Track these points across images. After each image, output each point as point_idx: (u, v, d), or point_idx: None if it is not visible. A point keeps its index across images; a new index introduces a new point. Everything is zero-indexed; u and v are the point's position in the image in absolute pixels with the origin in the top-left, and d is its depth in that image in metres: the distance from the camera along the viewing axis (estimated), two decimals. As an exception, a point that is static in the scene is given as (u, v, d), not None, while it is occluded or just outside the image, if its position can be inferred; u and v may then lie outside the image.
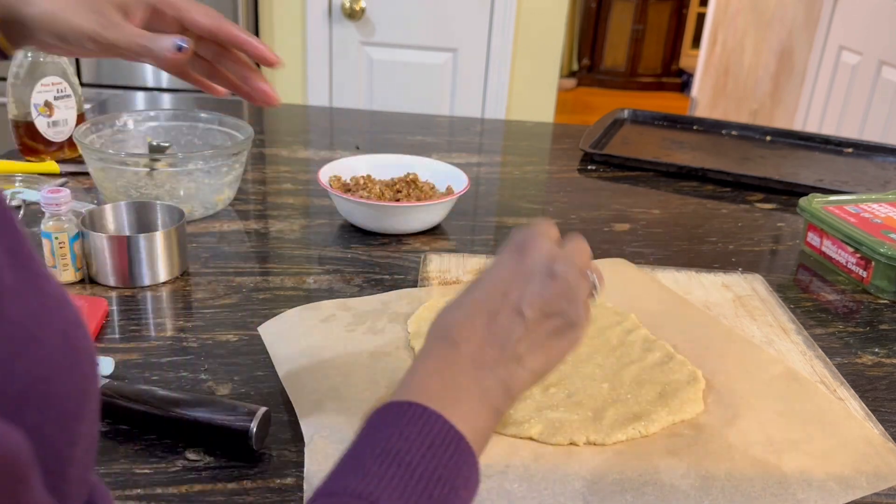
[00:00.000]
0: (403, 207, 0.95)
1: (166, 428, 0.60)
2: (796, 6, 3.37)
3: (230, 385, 0.67)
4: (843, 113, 2.82)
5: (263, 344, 0.73)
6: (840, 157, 1.46)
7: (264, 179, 1.18)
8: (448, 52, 2.31)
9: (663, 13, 5.68)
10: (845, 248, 0.95)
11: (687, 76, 5.60)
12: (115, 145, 1.04)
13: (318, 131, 1.51)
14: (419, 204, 0.96)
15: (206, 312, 0.78)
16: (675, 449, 0.60)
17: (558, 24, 2.30)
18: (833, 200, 1.03)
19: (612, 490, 0.55)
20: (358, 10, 2.23)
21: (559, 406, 0.63)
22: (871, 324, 0.86)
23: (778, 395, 0.68)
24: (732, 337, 0.77)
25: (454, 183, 1.05)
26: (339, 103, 2.34)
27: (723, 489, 0.56)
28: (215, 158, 0.96)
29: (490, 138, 1.53)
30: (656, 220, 1.11)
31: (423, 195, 1.00)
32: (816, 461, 0.60)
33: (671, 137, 1.52)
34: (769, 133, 1.55)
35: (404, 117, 1.60)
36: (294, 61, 2.31)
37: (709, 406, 0.66)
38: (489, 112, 2.35)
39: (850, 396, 0.70)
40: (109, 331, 0.74)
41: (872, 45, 2.67)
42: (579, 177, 1.29)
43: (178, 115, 1.09)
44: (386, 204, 0.95)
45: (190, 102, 1.73)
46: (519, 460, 0.57)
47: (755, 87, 3.79)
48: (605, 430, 0.60)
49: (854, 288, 0.93)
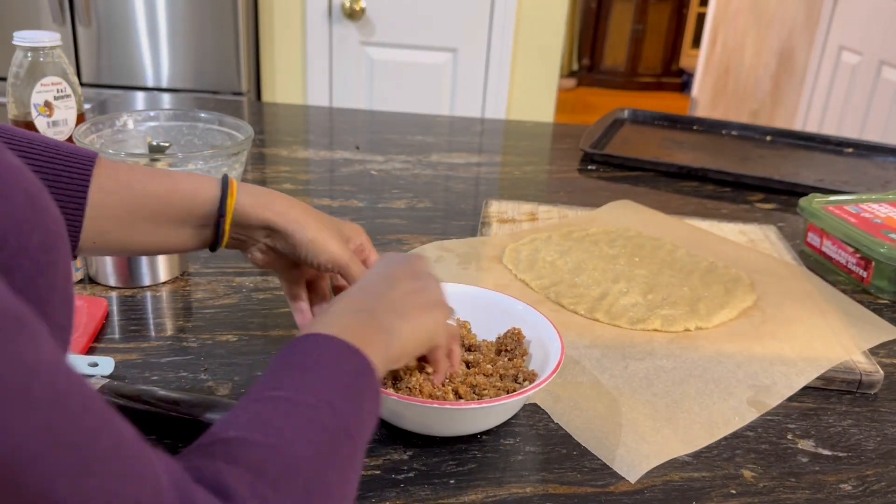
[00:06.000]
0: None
1: (166, 428, 0.60)
2: (797, 6, 3.37)
3: (230, 385, 0.67)
4: (843, 113, 2.82)
5: (263, 344, 0.73)
6: (840, 157, 1.46)
7: (264, 179, 1.18)
8: (448, 52, 2.31)
9: (663, 13, 5.68)
10: (845, 248, 0.95)
11: (687, 76, 5.59)
12: (115, 145, 1.04)
13: (317, 131, 1.51)
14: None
15: (206, 312, 0.78)
16: (754, 324, 0.84)
17: (558, 23, 2.30)
18: (833, 200, 1.03)
19: (722, 353, 0.77)
20: (358, 9, 2.23)
21: (664, 306, 0.83)
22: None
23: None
24: (742, 249, 1.01)
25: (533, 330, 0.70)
26: (339, 103, 2.34)
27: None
28: (215, 158, 0.96)
29: (490, 138, 1.53)
30: (656, 220, 1.11)
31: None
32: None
33: (671, 137, 1.52)
34: (769, 133, 1.55)
35: (404, 117, 1.60)
36: (294, 61, 2.31)
37: (759, 295, 0.88)
38: (489, 112, 2.35)
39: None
40: (109, 331, 0.74)
41: (873, 45, 2.67)
42: (579, 177, 1.29)
43: (178, 115, 1.09)
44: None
45: (190, 102, 1.73)
46: (658, 345, 0.77)
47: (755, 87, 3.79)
48: (705, 318, 0.81)
49: (854, 288, 0.93)
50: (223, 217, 0.59)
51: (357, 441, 0.42)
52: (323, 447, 0.39)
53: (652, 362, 0.74)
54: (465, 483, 0.58)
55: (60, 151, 0.55)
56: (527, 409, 0.67)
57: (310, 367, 0.43)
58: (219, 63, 2.14)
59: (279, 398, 0.40)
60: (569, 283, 0.87)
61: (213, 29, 2.11)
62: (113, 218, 0.56)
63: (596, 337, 0.77)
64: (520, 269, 0.89)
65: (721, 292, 0.87)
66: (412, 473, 0.58)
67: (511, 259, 0.92)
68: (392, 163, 1.29)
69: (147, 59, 2.13)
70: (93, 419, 0.28)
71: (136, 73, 2.14)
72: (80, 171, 0.55)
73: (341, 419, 0.41)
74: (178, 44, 2.12)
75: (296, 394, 0.41)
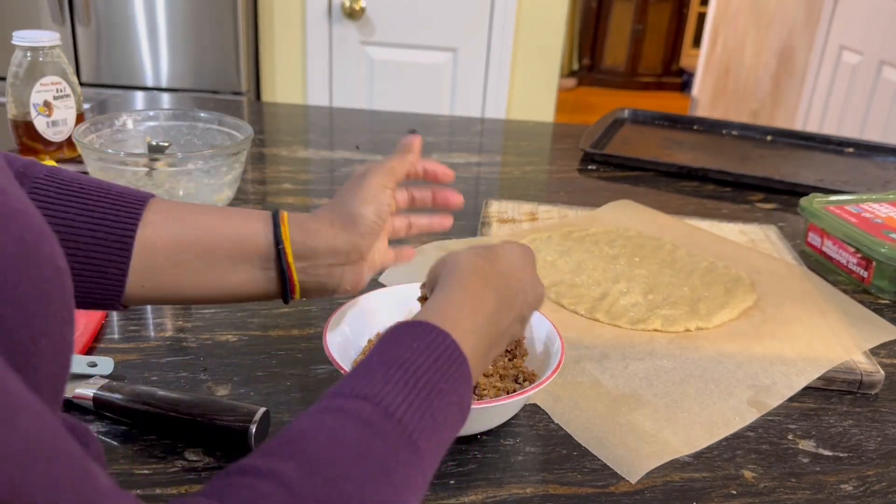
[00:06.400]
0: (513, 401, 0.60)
1: (166, 428, 0.60)
2: (797, 6, 3.37)
3: (230, 385, 0.67)
4: (843, 113, 2.82)
5: (263, 344, 0.73)
6: (841, 156, 1.46)
7: (264, 179, 1.18)
8: (448, 52, 2.30)
9: (664, 13, 5.68)
10: (846, 248, 0.95)
11: (687, 76, 5.59)
12: (115, 145, 1.04)
13: (317, 131, 1.50)
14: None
15: (205, 312, 0.78)
16: (753, 324, 0.83)
17: (558, 23, 2.30)
18: (834, 200, 1.03)
19: (722, 354, 0.77)
20: (358, 9, 2.23)
21: (664, 306, 0.82)
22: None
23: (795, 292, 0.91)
24: (742, 249, 1.00)
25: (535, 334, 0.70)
26: (339, 103, 2.34)
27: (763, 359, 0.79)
28: (215, 158, 0.96)
29: (490, 138, 1.53)
30: (657, 220, 1.10)
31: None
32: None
33: (671, 137, 1.52)
34: (770, 133, 1.55)
35: (404, 117, 1.60)
36: (294, 61, 2.31)
37: (759, 295, 0.88)
38: (489, 112, 2.35)
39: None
40: (109, 331, 0.74)
41: (873, 45, 2.67)
42: (579, 177, 1.29)
43: (178, 114, 1.09)
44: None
45: (189, 102, 1.73)
46: (658, 345, 0.77)
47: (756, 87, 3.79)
48: (706, 318, 0.81)
49: (855, 288, 0.93)
50: (281, 246, 0.55)
51: (424, 453, 0.39)
52: (376, 475, 0.37)
53: (652, 362, 0.74)
54: (465, 483, 0.57)
55: (110, 192, 0.53)
56: (527, 409, 0.67)
57: (409, 368, 0.41)
58: (218, 63, 2.14)
59: (341, 410, 0.39)
60: (569, 283, 0.87)
61: (213, 28, 2.11)
62: (162, 254, 0.53)
63: (596, 337, 0.77)
64: None
65: (721, 292, 0.87)
66: (412, 474, 0.58)
67: None
68: (392, 163, 1.28)
69: (146, 59, 2.13)
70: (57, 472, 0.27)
71: (136, 73, 2.14)
72: (130, 210, 0.53)
73: (403, 428, 0.39)
74: (178, 43, 2.12)
75: (363, 404, 0.39)
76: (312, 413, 0.39)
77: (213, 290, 0.55)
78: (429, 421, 0.40)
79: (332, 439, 0.37)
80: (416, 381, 0.40)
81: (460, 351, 0.44)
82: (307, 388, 0.67)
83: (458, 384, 0.43)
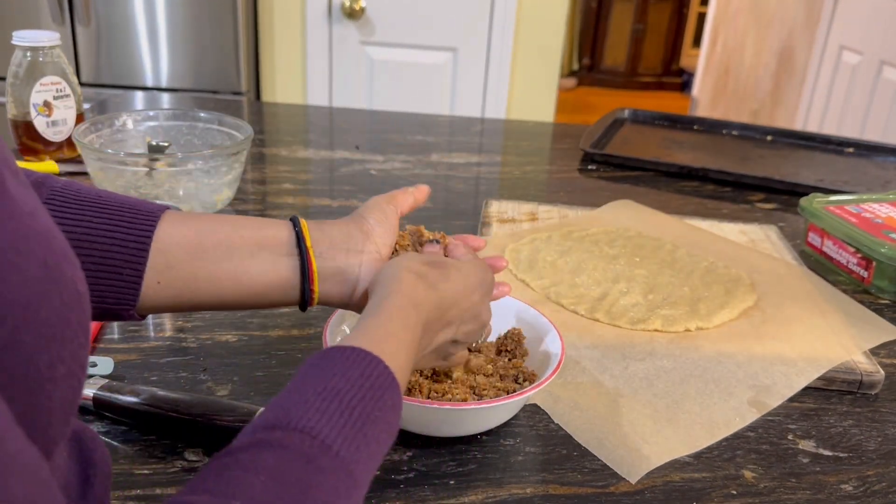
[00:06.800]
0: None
1: (165, 428, 0.60)
2: (797, 6, 3.37)
3: (229, 385, 0.67)
4: (843, 113, 2.82)
5: (263, 344, 0.73)
6: (841, 156, 1.46)
7: (264, 179, 1.18)
8: (448, 52, 2.30)
9: (664, 12, 5.68)
10: (846, 248, 0.95)
11: (687, 76, 5.59)
12: (115, 145, 1.04)
13: (317, 131, 1.50)
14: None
15: (205, 313, 0.78)
16: (754, 324, 0.83)
17: (558, 23, 2.30)
18: (834, 200, 1.03)
19: (722, 354, 0.77)
20: (358, 9, 2.23)
21: (664, 306, 0.83)
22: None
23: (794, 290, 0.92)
24: (742, 249, 1.01)
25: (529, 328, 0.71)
26: (339, 103, 2.34)
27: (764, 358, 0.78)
28: (214, 158, 0.96)
29: (490, 138, 1.53)
30: (657, 220, 1.10)
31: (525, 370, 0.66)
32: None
33: (671, 137, 1.52)
34: (770, 133, 1.55)
35: (404, 117, 1.60)
36: (294, 61, 2.31)
37: (759, 295, 0.88)
38: (489, 112, 2.35)
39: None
40: (109, 331, 0.74)
41: (873, 45, 2.66)
42: (579, 177, 1.29)
43: (178, 114, 1.09)
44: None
45: (189, 102, 1.73)
46: (658, 345, 0.76)
47: (756, 87, 3.78)
48: (706, 318, 0.81)
49: (855, 288, 0.93)
50: (298, 229, 0.56)
51: (360, 483, 0.40)
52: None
53: (652, 362, 0.73)
54: (465, 484, 0.57)
55: (128, 201, 0.54)
56: (527, 409, 0.66)
57: (344, 399, 0.41)
58: (218, 63, 2.14)
59: (280, 445, 0.38)
60: (569, 284, 0.86)
61: (213, 28, 2.10)
62: (181, 248, 0.53)
63: (596, 337, 0.77)
64: (520, 269, 0.89)
65: (721, 292, 0.87)
66: (412, 474, 0.58)
67: (511, 259, 0.92)
68: (392, 163, 1.29)
69: (146, 59, 2.13)
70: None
71: (136, 73, 2.14)
72: (147, 215, 0.53)
73: (341, 461, 0.39)
74: (178, 43, 2.12)
75: (302, 437, 0.38)
76: (250, 447, 0.38)
77: (231, 284, 0.54)
78: (363, 450, 0.40)
79: (275, 478, 0.36)
80: (351, 411, 0.41)
81: (392, 376, 0.44)
82: (307, 388, 0.67)
83: (388, 410, 0.43)
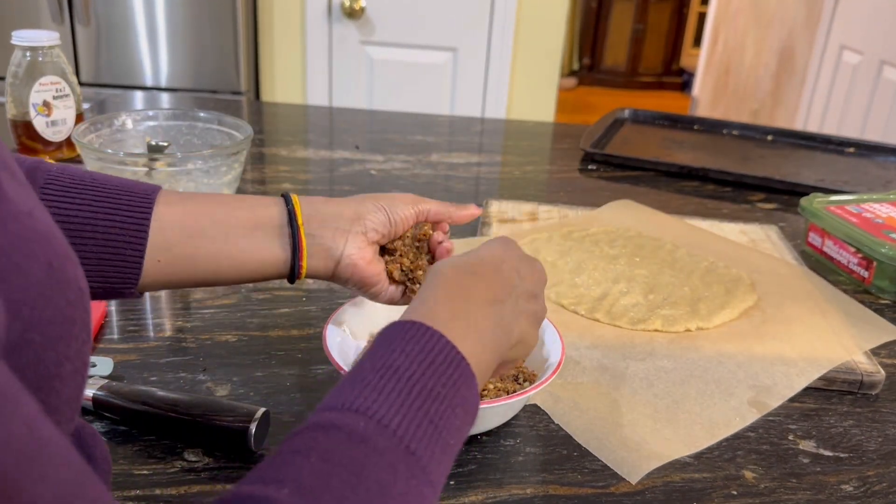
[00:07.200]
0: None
1: (165, 429, 0.60)
2: (797, 5, 3.36)
3: (229, 386, 0.67)
4: (844, 112, 2.82)
5: (263, 344, 0.73)
6: (841, 156, 1.46)
7: (264, 179, 1.18)
8: (448, 51, 2.30)
9: (664, 12, 5.68)
10: (847, 248, 0.95)
11: (688, 75, 5.59)
12: (114, 145, 1.04)
13: (317, 131, 1.50)
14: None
15: (205, 313, 0.78)
16: (754, 324, 0.83)
17: (558, 23, 2.29)
18: (834, 200, 1.03)
19: (723, 354, 0.77)
20: (358, 9, 2.22)
21: (664, 306, 0.82)
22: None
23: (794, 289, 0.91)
24: (743, 249, 1.01)
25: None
26: (339, 103, 2.33)
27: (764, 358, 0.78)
28: (214, 158, 0.96)
29: (490, 138, 1.53)
30: (657, 220, 1.10)
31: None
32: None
33: (672, 137, 1.52)
34: (770, 133, 1.55)
35: (404, 117, 1.60)
36: (294, 61, 2.31)
37: (760, 295, 0.88)
38: (489, 112, 2.35)
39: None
40: (108, 331, 0.74)
41: (873, 45, 2.66)
42: (580, 177, 1.29)
43: (177, 114, 1.09)
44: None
45: (189, 102, 1.73)
46: (658, 346, 0.76)
47: (756, 87, 3.78)
48: (706, 318, 0.81)
49: (855, 288, 0.93)
50: (290, 206, 0.58)
51: (426, 462, 0.38)
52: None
53: (652, 363, 0.73)
54: (465, 484, 0.57)
55: (124, 183, 0.55)
56: (527, 409, 0.66)
57: (403, 375, 0.39)
58: (218, 62, 2.14)
59: (333, 426, 0.37)
60: (569, 284, 0.86)
61: (212, 28, 2.10)
62: (179, 227, 0.55)
63: (596, 337, 0.77)
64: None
65: (722, 292, 0.86)
66: (412, 474, 0.58)
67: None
68: (392, 162, 1.28)
69: (146, 59, 2.13)
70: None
71: (135, 73, 2.14)
72: (144, 195, 0.55)
73: (404, 444, 0.37)
74: (177, 43, 2.12)
75: (356, 418, 0.37)
76: (304, 431, 0.37)
77: (228, 262, 0.57)
78: (427, 428, 0.38)
79: (326, 460, 0.35)
80: (411, 388, 0.39)
81: (457, 351, 0.42)
82: (307, 388, 0.67)
83: (458, 386, 0.41)
